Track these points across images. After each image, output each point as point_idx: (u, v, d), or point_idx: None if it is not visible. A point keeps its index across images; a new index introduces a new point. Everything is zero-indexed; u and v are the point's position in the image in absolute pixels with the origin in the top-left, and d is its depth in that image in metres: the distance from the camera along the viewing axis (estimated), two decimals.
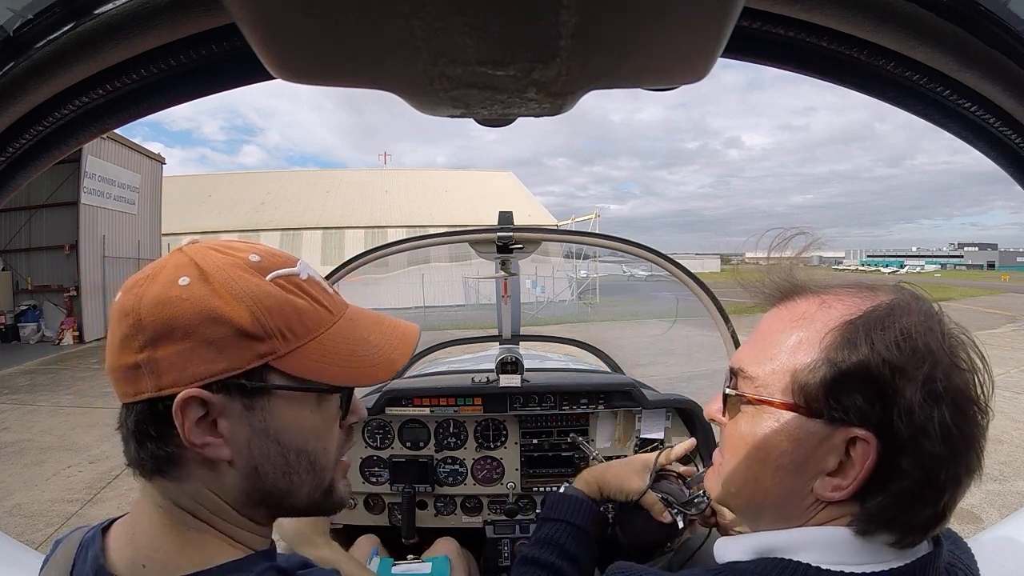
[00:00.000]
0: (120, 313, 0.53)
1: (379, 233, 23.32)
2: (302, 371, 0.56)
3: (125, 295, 0.54)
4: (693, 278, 1.76)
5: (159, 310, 0.51)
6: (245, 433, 0.55)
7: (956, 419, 0.53)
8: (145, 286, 0.53)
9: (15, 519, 4.17)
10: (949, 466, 0.53)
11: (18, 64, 0.43)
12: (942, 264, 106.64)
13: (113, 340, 0.53)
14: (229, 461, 0.55)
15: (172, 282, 0.53)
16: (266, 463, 0.57)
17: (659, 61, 0.33)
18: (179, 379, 0.52)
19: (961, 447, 0.53)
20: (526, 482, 1.86)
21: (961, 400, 0.54)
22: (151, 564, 0.54)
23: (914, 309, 0.57)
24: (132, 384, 0.53)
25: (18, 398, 8.01)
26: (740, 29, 0.43)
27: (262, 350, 0.53)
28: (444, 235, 1.82)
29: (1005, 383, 7.82)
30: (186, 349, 0.51)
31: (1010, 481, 4.67)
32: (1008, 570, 0.87)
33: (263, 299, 0.54)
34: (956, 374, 0.54)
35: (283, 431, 0.57)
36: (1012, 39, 0.43)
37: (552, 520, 1.04)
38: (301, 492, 0.60)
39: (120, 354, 0.53)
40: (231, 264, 0.55)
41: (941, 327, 0.56)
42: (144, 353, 0.51)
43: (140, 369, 0.52)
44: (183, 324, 0.51)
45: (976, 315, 17.29)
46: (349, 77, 0.34)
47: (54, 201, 13.31)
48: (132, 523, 0.58)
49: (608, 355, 2.55)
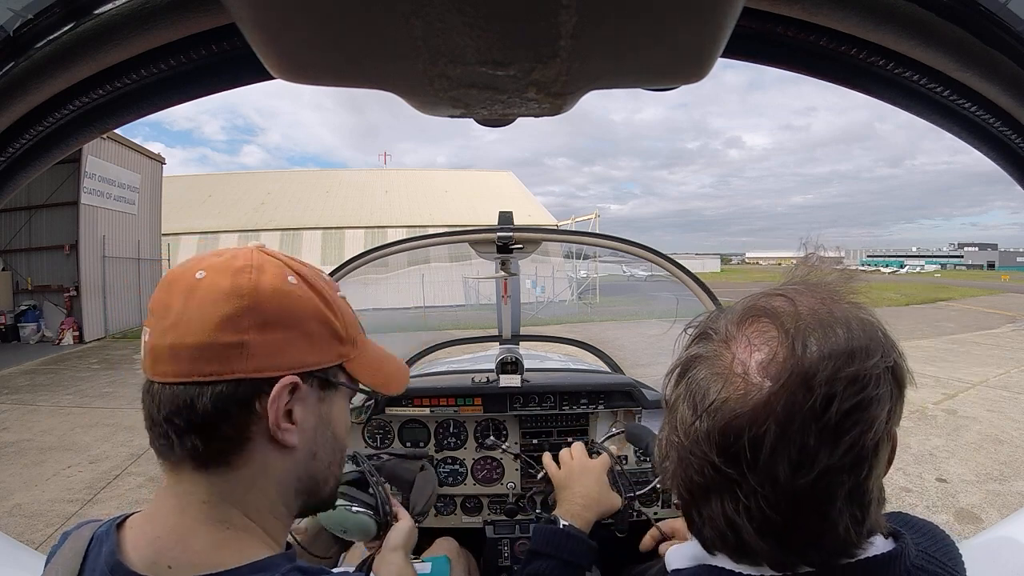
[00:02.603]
0: (229, 293, 0.54)
1: (379, 233, 23.32)
2: (357, 374, 0.65)
3: (231, 277, 0.55)
4: (693, 278, 1.76)
5: (278, 298, 0.56)
6: (313, 422, 0.61)
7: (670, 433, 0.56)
8: (255, 275, 0.56)
9: (15, 519, 4.17)
10: (700, 479, 0.55)
11: (18, 64, 0.43)
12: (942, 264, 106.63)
13: (209, 317, 0.53)
14: (294, 447, 0.59)
15: (283, 277, 0.58)
16: (322, 449, 0.63)
17: (659, 61, 0.33)
18: (278, 364, 0.56)
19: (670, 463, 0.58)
20: (526, 482, 1.86)
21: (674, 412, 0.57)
22: (178, 565, 0.52)
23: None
24: (222, 362, 0.53)
25: (18, 398, 8.01)
26: (740, 29, 0.43)
27: (342, 351, 0.62)
28: (444, 235, 1.82)
29: (1005, 383, 7.81)
30: (291, 337, 0.57)
31: (1010, 481, 4.67)
32: (1008, 570, 0.87)
33: (344, 309, 0.64)
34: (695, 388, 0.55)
35: (336, 423, 0.65)
36: (1012, 39, 0.43)
37: (542, 555, 1.03)
38: (331, 481, 0.67)
39: (217, 331, 0.53)
40: (318, 275, 0.64)
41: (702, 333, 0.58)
42: (250, 334, 0.54)
43: (241, 348, 0.54)
44: (296, 315, 0.57)
45: (976, 315, 17.28)
46: (349, 77, 0.34)
47: (54, 201, 13.30)
48: (155, 522, 0.56)
49: (608, 355, 2.55)
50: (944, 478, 4.64)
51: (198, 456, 0.55)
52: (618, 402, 1.81)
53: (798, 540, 0.52)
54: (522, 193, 31.95)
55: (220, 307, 0.54)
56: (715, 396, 0.51)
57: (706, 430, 0.52)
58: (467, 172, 37.43)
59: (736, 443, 0.50)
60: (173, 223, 20.16)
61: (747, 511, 0.51)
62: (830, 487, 0.50)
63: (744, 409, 0.49)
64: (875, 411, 0.49)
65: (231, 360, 0.53)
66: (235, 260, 0.58)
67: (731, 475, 0.51)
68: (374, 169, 37.61)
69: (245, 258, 0.58)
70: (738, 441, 0.50)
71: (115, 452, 5.58)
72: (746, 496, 0.51)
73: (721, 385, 0.51)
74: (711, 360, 0.54)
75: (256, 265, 0.57)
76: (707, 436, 0.52)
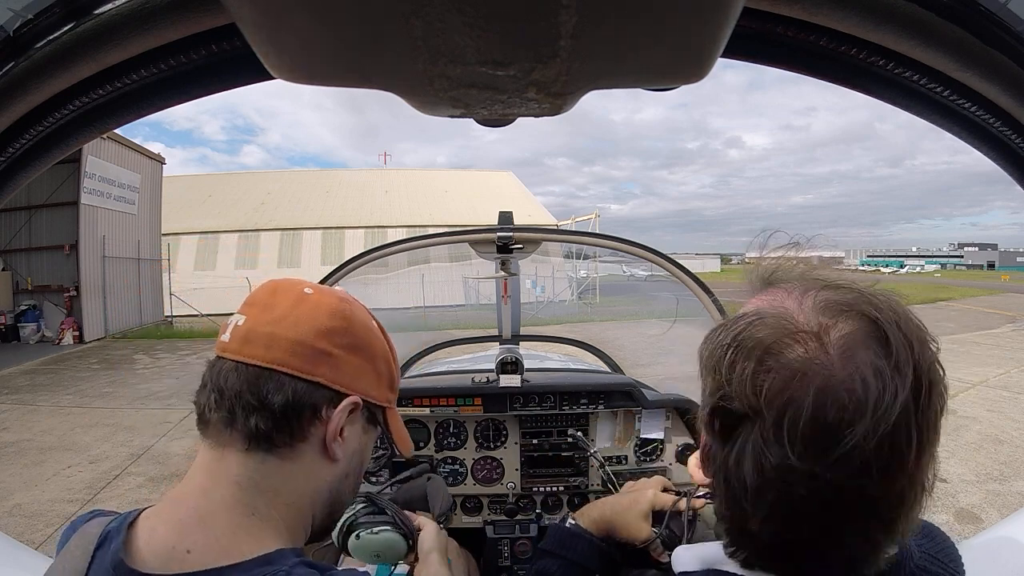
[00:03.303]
0: (333, 312, 0.64)
1: (379, 233, 23.32)
2: (390, 423, 0.74)
3: (337, 302, 0.66)
4: (693, 278, 1.76)
5: (365, 333, 0.68)
6: (354, 446, 0.69)
7: (756, 455, 0.48)
8: (352, 306, 0.68)
9: (15, 519, 4.17)
10: (830, 510, 0.48)
11: (18, 64, 0.43)
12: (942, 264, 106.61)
13: (315, 324, 0.62)
14: (336, 462, 0.66)
15: (370, 318, 0.71)
16: (351, 474, 0.70)
17: (659, 61, 0.33)
18: (351, 384, 0.65)
19: (738, 487, 0.50)
20: (526, 482, 1.86)
21: (814, 440, 0.46)
22: (198, 549, 0.54)
23: (759, 324, 0.51)
24: (311, 363, 0.61)
25: (18, 398, 8.01)
26: (740, 29, 0.43)
27: (390, 397, 0.73)
28: (444, 235, 1.82)
29: (1005, 383, 7.81)
30: (367, 368, 0.67)
31: (1010, 481, 4.67)
32: (1008, 570, 0.87)
33: (396, 366, 0.74)
34: (747, 400, 0.48)
35: (364, 454, 0.73)
36: (1012, 39, 0.43)
37: (549, 553, 1.03)
38: (341, 510, 0.74)
39: (318, 338, 0.62)
40: (383, 330, 0.73)
41: (766, 349, 0.49)
42: (341, 350, 0.64)
43: (330, 358, 0.63)
44: (373, 351, 0.68)
45: (976, 315, 17.28)
46: (349, 77, 0.34)
47: (54, 201, 13.30)
48: (180, 505, 0.57)
49: (608, 355, 2.55)
50: (944, 478, 4.64)
51: (255, 437, 0.59)
52: (618, 402, 1.81)
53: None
54: (522, 193, 31.96)
55: (324, 319, 0.63)
56: (857, 411, 0.45)
57: (852, 452, 0.45)
58: (467, 172, 37.44)
59: (886, 453, 0.46)
60: (173, 223, 20.15)
61: (887, 526, 0.49)
62: (933, 470, 0.50)
63: (893, 416, 0.45)
64: (946, 394, 0.50)
65: (319, 364, 0.62)
66: (336, 291, 0.69)
67: (875, 492, 0.47)
68: (374, 169, 37.61)
69: (343, 293, 0.70)
70: (887, 451, 0.45)
71: (115, 452, 5.58)
72: (883, 510, 0.48)
73: (855, 398, 0.45)
74: (822, 375, 0.47)
75: (351, 301, 0.69)
76: (851, 459, 0.45)
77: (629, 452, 1.88)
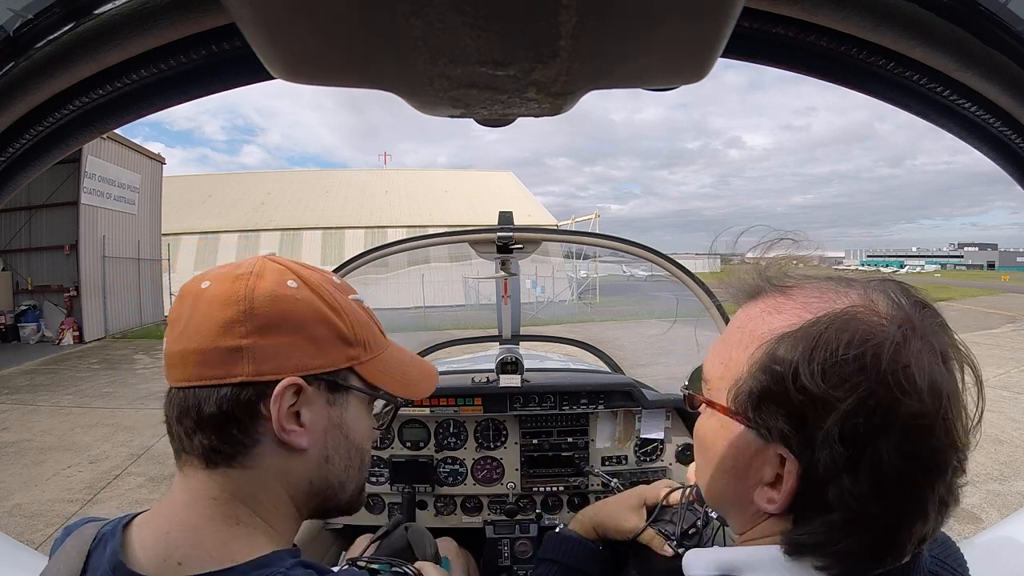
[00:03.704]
0: (226, 299, 0.56)
1: (379, 233, 23.32)
2: (373, 378, 0.65)
3: (226, 284, 0.57)
4: (693, 278, 1.76)
5: (274, 303, 0.57)
6: (323, 425, 0.61)
7: (893, 458, 0.46)
8: (252, 280, 0.58)
9: (15, 519, 4.17)
10: (881, 505, 0.47)
11: (18, 64, 0.43)
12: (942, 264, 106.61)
13: (207, 323, 0.56)
14: (304, 450, 0.60)
15: (282, 282, 0.59)
16: (335, 454, 0.63)
17: (659, 61, 0.33)
18: (280, 367, 0.57)
19: (897, 489, 0.47)
20: (526, 482, 1.86)
21: (906, 437, 0.46)
22: (188, 560, 0.53)
23: (868, 321, 0.49)
24: (224, 366, 0.55)
25: (18, 398, 8.01)
26: (740, 29, 0.43)
27: (351, 354, 0.62)
28: (444, 235, 1.82)
29: (1005, 383, 7.81)
30: (293, 342, 0.57)
31: (1010, 481, 4.67)
32: (1008, 570, 0.87)
33: (354, 312, 0.63)
34: (901, 407, 0.46)
35: (352, 428, 0.64)
36: (1012, 39, 0.43)
37: (545, 560, 1.05)
38: (350, 487, 0.67)
39: (218, 336, 0.55)
40: (324, 279, 0.63)
41: (897, 348, 0.47)
42: (250, 339, 0.56)
43: (241, 353, 0.55)
44: (296, 319, 0.58)
45: (976, 315, 17.28)
46: (349, 77, 0.34)
47: (54, 201, 13.30)
48: (165, 518, 0.57)
49: (608, 355, 2.55)
50: None
51: (206, 455, 0.57)
52: (618, 402, 1.81)
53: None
54: (522, 193, 31.96)
55: (219, 313, 0.56)
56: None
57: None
58: (467, 172, 37.44)
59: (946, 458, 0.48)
60: (173, 223, 20.15)
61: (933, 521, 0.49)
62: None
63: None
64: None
65: (233, 364, 0.55)
66: (238, 268, 0.60)
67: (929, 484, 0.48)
68: (374, 169, 37.62)
69: (248, 265, 0.60)
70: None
71: (115, 452, 5.58)
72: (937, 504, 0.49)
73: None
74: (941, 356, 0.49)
75: (256, 271, 0.59)
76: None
77: (629, 452, 1.88)
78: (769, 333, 0.53)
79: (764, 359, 0.52)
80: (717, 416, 0.59)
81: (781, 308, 0.55)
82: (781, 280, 0.59)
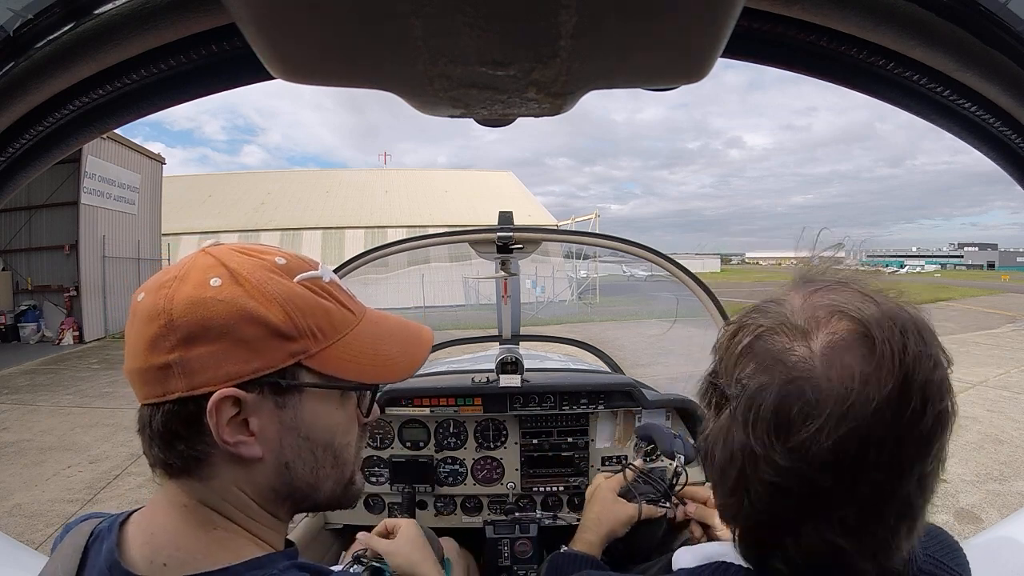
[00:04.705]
0: (148, 314, 0.53)
1: (379, 233, 23.32)
2: (331, 369, 0.58)
3: (152, 296, 0.53)
4: (693, 278, 1.76)
5: (193, 310, 0.52)
6: (275, 430, 0.56)
7: (726, 434, 0.51)
8: (174, 287, 0.53)
9: (15, 519, 4.17)
10: (787, 499, 0.49)
11: (18, 64, 0.43)
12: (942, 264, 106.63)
13: (138, 341, 0.53)
14: (259, 459, 0.56)
15: (203, 283, 0.53)
16: (296, 459, 0.58)
17: (659, 61, 0.33)
18: (212, 378, 0.52)
19: (710, 462, 0.52)
20: (526, 482, 1.86)
21: (774, 427, 0.48)
22: (173, 562, 0.53)
23: (762, 313, 0.54)
24: (160, 384, 0.53)
25: (18, 398, 8.01)
26: (740, 29, 0.43)
27: (294, 349, 0.55)
28: (444, 235, 1.82)
29: (1005, 383, 7.81)
30: (220, 349, 0.52)
31: (1010, 481, 4.67)
32: (1008, 570, 0.87)
33: (294, 299, 0.55)
34: (729, 379, 0.51)
35: (312, 427, 0.58)
36: (1012, 39, 0.43)
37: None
38: (326, 486, 0.62)
39: (148, 354, 0.52)
40: (260, 266, 0.56)
41: (775, 335, 0.50)
42: (176, 353, 0.52)
43: (171, 369, 0.52)
44: (218, 324, 0.52)
45: (976, 315, 17.27)
46: (349, 77, 0.34)
47: (54, 201, 13.30)
48: (150, 521, 0.57)
49: (608, 355, 2.55)
50: (944, 478, 4.63)
51: (164, 468, 0.56)
52: (618, 402, 1.81)
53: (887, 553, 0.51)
54: (522, 193, 31.96)
55: (145, 329, 0.53)
56: (819, 407, 0.46)
57: (807, 445, 0.46)
58: (467, 172, 37.44)
59: (846, 454, 0.46)
60: (173, 223, 20.14)
61: (849, 531, 0.48)
62: (924, 493, 0.50)
63: (860, 419, 0.46)
64: (951, 416, 0.50)
65: (166, 381, 0.52)
66: (166, 274, 0.56)
67: (831, 491, 0.47)
68: (374, 169, 37.63)
69: (177, 268, 0.56)
70: (847, 452, 0.46)
71: (115, 452, 5.58)
72: (845, 514, 0.48)
73: (822, 395, 0.47)
74: (797, 368, 0.48)
75: (181, 275, 0.54)
76: (806, 452, 0.46)
77: (629, 452, 1.88)
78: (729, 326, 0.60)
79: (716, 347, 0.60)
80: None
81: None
82: (812, 279, 0.58)
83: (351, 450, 0.64)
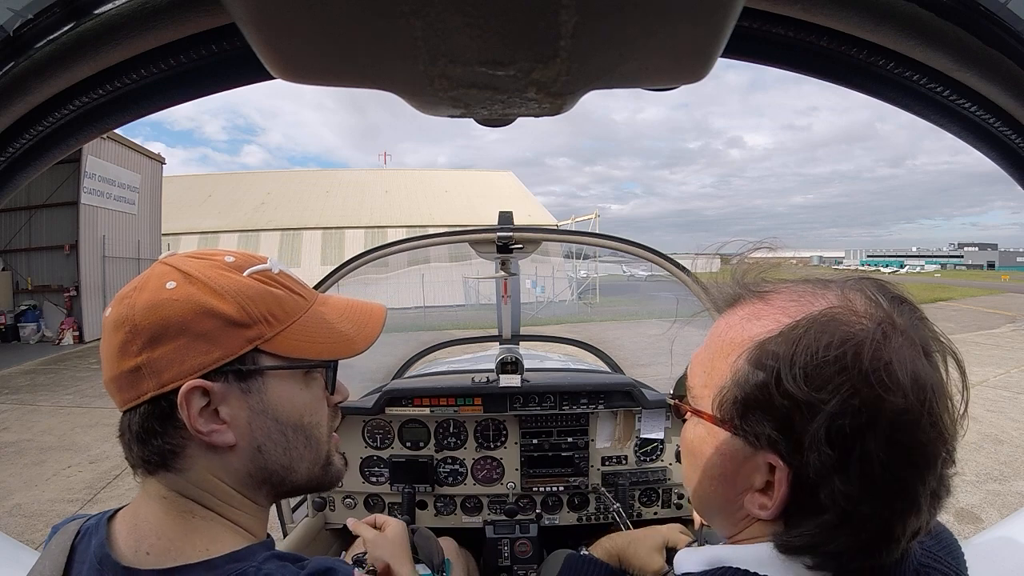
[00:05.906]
0: (115, 324, 0.57)
1: (379, 233, 23.33)
2: (289, 351, 0.62)
3: (116, 307, 0.58)
4: (693, 278, 1.76)
5: (152, 313, 0.56)
6: (245, 415, 0.60)
7: (882, 455, 0.46)
8: (135, 296, 0.57)
9: (15, 519, 4.17)
10: (872, 503, 0.47)
11: (18, 64, 0.43)
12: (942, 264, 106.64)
13: (110, 350, 0.57)
14: (233, 445, 0.59)
15: (160, 287, 0.58)
16: (267, 441, 0.61)
17: (659, 61, 0.33)
18: (179, 373, 0.56)
19: (888, 485, 0.47)
20: (526, 482, 1.86)
21: (893, 433, 0.46)
22: (155, 550, 0.56)
23: (847, 321, 0.49)
24: (133, 388, 0.57)
25: (18, 398, 8.01)
26: (740, 29, 0.43)
27: (250, 335, 0.59)
28: (444, 235, 1.82)
29: (1005, 383, 7.81)
30: (182, 345, 0.56)
31: (1010, 481, 4.67)
32: (1008, 570, 0.87)
33: (245, 291, 0.60)
34: (886, 404, 0.46)
35: (279, 409, 0.62)
36: (1012, 39, 0.43)
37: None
38: (301, 467, 0.64)
39: (118, 361, 0.57)
40: (210, 266, 0.61)
41: (877, 346, 0.47)
42: (143, 355, 0.56)
43: (141, 371, 0.56)
44: (176, 322, 0.56)
45: (976, 315, 17.27)
46: (349, 77, 0.34)
47: (54, 201, 13.31)
48: (134, 514, 0.60)
49: (608, 355, 2.55)
50: None
51: (144, 465, 0.59)
52: (618, 402, 1.81)
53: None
54: (522, 193, 31.96)
55: (114, 339, 0.57)
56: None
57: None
58: (467, 172, 37.44)
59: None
60: (173, 223, 20.17)
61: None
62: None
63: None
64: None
65: (138, 384, 0.56)
66: (128, 287, 0.60)
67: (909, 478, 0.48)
68: (374, 169, 37.64)
69: (137, 280, 0.60)
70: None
71: (115, 452, 5.58)
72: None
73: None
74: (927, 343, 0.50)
75: (140, 285, 0.59)
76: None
77: (629, 452, 1.88)
78: (749, 340, 0.53)
79: (746, 366, 0.52)
80: (704, 424, 0.58)
81: (760, 314, 0.55)
82: (759, 286, 0.59)
83: (322, 429, 0.67)
